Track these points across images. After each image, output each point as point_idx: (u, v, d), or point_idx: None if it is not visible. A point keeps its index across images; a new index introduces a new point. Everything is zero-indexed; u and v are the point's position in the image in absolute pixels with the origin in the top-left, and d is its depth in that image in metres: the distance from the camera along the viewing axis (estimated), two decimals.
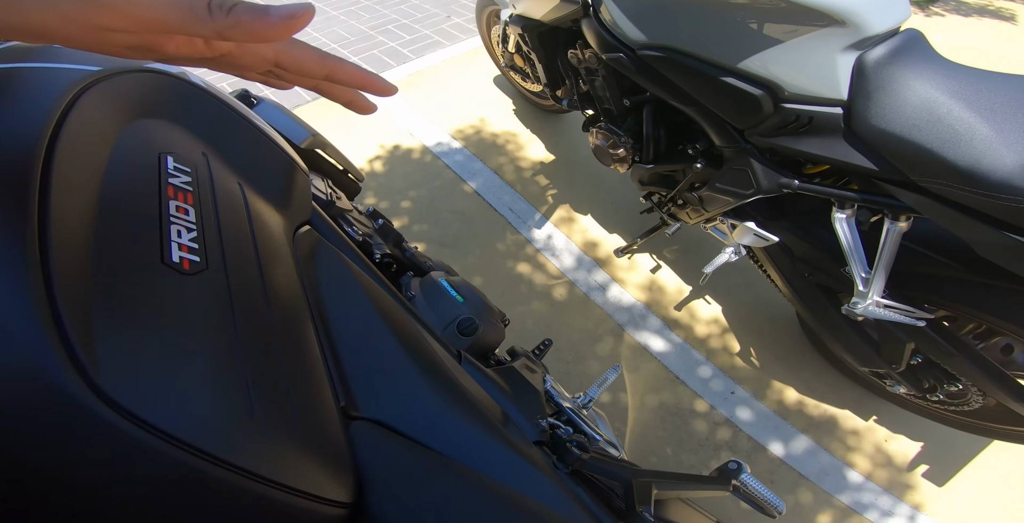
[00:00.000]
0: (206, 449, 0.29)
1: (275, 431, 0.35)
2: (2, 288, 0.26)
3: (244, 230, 0.46)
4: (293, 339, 0.44)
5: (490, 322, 0.92)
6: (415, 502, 0.40)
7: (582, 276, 2.00)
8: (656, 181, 1.67)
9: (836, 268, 1.24)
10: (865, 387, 1.67)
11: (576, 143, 2.47)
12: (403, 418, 0.49)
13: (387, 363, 0.54)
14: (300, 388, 0.41)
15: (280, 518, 0.32)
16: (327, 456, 0.38)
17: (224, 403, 0.32)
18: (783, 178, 1.19)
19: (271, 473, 0.32)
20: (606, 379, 1.16)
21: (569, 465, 0.66)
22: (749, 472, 0.74)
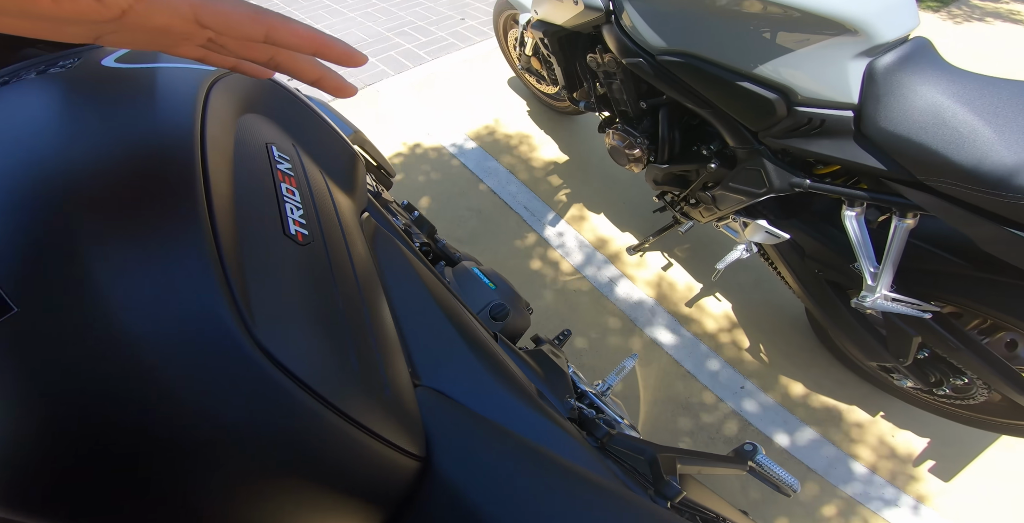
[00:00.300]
0: (325, 396, 0.32)
1: (369, 385, 0.38)
2: (189, 254, 0.31)
3: (331, 212, 0.51)
4: (375, 309, 0.48)
5: (519, 308, 0.97)
6: (476, 461, 0.43)
7: (595, 272, 2.06)
8: (670, 181, 1.72)
9: (845, 264, 1.28)
10: (872, 383, 1.72)
11: (589, 144, 2.52)
12: (457, 388, 0.53)
13: (441, 338, 0.58)
14: (385, 351, 0.45)
15: (369, 462, 0.36)
16: (406, 412, 0.42)
17: (335, 357, 0.36)
18: (795, 178, 1.24)
19: (367, 421, 0.35)
20: (624, 367, 1.21)
21: (598, 440, 0.71)
22: (764, 453, 0.78)
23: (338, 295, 0.42)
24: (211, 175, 0.36)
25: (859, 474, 1.61)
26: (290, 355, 0.32)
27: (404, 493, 0.39)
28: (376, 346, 0.44)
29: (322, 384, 0.33)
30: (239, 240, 0.35)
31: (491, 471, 0.42)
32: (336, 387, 0.34)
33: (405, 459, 0.39)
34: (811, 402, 1.74)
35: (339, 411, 0.33)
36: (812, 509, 1.56)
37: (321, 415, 0.32)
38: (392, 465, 0.38)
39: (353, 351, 0.39)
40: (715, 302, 1.96)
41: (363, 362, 0.40)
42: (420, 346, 0.56)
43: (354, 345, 0.40)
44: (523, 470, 0.43)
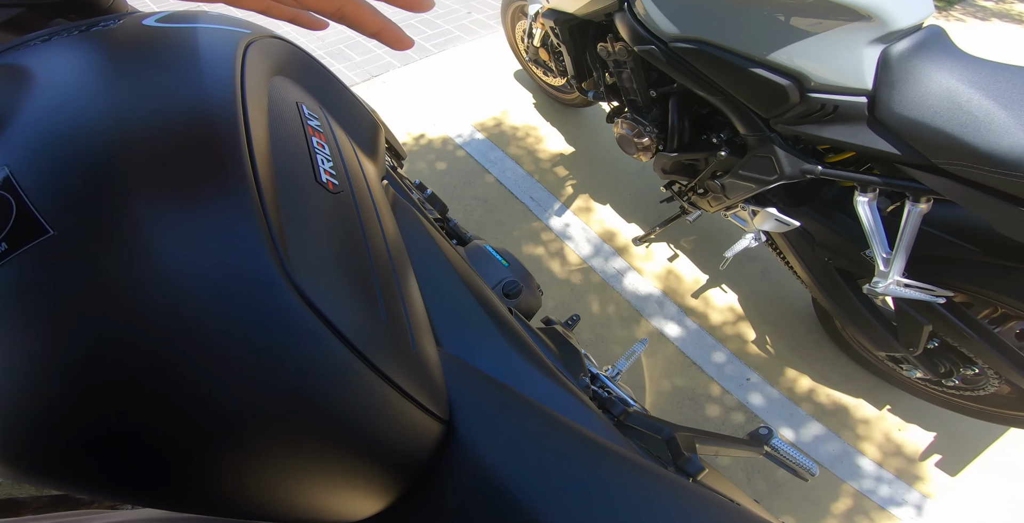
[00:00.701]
0: (356, 344, 0.32)
1: (398, 340, 0.37)
2: (233, 199, 0.31)
3: (357, 170, 0.51)
4: (402, 269, 0.48)
5: (531, 287, 0.95)
6: (498, 427, 0.42)
7: (601, 263, 2.05)
8: (678, 170, 1.71)
9: (856, 251, 1.28)
10: (879, 376, 1.71)
11: (595, 136, 2.52)
12: (478, 356, 0.52)
13: (461, 308, 0.58)
14: (412, 311, 0.44)
15: (395, 421, 0.34)
16: (432, 373, 0.41)
17: (365, 308, 0.35)
18: (806, 164, 1.23)
19: (395, 377, 0.34)
20: (634, 352, 1.20)
21: (615, 417, 0.70)
22: (779, 437, 0.77)
23: (367, 248, 0.41)
24: (251, 128, 0.36)
25: (865, 468, 1.60)
26: (324, 300, 0.31)
27: (427, 460, 0.38)
28: (404, 305, 0.44)
29: (353, 332, 0.32)
30: (277, 187, 0.35)
31: (514, 438, 0.41)
32: (366, 338, 0.33)
33: (430, 421, 0.38)
34: (817, 395, 1.73)
35: (369, 362, 0.33)
36: (817, 502, 1.55)
37: (351, 365, 0.31)
38: (417, 427, 0.37)
39: (383, 305, 0.38)
40: (721, 293, 1.96)
41: (392, 317, 0.39)
42: (441, 314, 0.55)
43: (383, 299, 0.39)
44: (546, 438, 0.42)
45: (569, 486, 0.37)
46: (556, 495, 0.36)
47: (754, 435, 0.80)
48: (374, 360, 0.33)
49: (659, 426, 0.69)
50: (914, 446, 1.64)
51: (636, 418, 0.70)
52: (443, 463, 0.40)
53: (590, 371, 0.95)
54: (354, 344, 0.32)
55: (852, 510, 1.54)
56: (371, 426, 0.33)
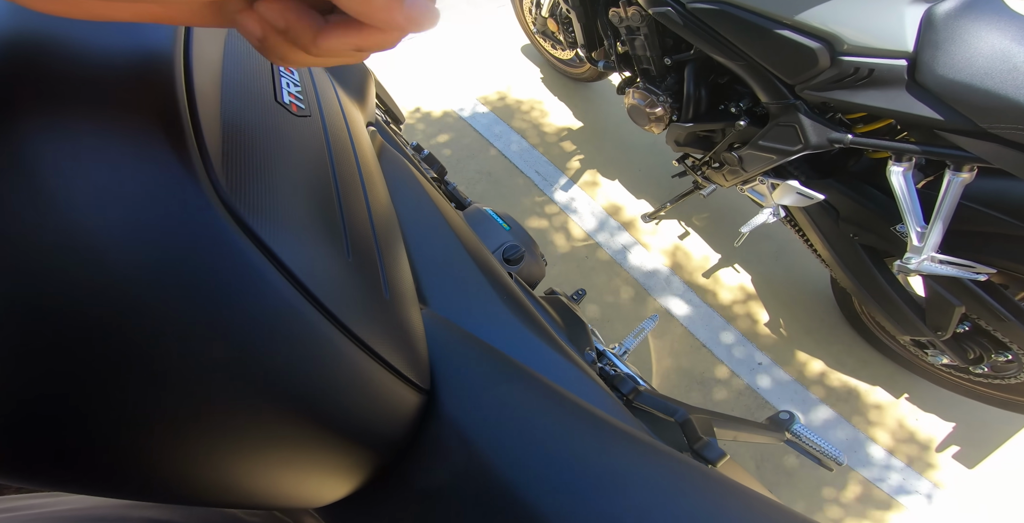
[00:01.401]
0: (309, 287, 0.27)
1: (367, 285, 0.33)
2: (156, 110, 0.25)
3: (334, 103, 0.47)
4: (379, 208, 0.43)
5: (534, 254, 0.90)
6: (488, 398, 0.37)
7: (607, 239, 1.97)
8: (693, 142, 1.63)
9: (885, 226, 1.20)
10: (898, 363, 1.63)
11: (604, 111, 2.42)
12: (469, 317, 0.47)
13: (454, 263, 0.52)
14: (388, 254, 0.39)
15: (363, 388, 0.30)
16: (411, 333, 0.36)
17: (324, 243, 0.30)
18: (834, 133, 1.15)
19: (362, 332, 0.29)
20: (643, 329, 1.13)
21: (623, 396, 0.64)
22: (802, 423, 0.72)
23: (335, 180, 0.37)
24: (194, 37, 0.31)
25: (878, 458, 1.54)
26: (269, 228, 0.26)
27: (404, 436, 0.34)
28: (379, 249, 0.38)
29: (307, 272, 0.27)
30: (220, 100, 0.30)
31: (508, 414, 0.36)
32: (325, 280, 0.29)
33: (407, 391, 0.34)
34: (831, 380, 1.66)
35: (327, 312, 0.28)
36: (827, 492, 1.48)
37: (304, 314, 0.27)
38: (391, 397, 0.32)
39: (348, 243, 0.34)
40: (733, 273, 1.87)
41: (359, 257, 0.34)
42: (428, 268, 0.50)
43: (350, 238, 0.34)
44: (545, 415, 0.37)
45: (572, 470, 0.32)
46: (556, 480, 0.31)
47: (774, 420, 0.74)
48: (334, 310, 0.28)
49: (673, 407, 0.62)
50: (930, 436, 1.57)
51: (647, 398, 0.64)
52: (423, 440, 0.36)
53: (596, 347, 0.88)
54: (307, 287, 0.27)
55: (862, 500, 1.48)
56: (335, 395, 0.28)
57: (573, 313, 0.82)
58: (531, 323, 0.53)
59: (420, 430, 0.36)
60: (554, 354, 0.51)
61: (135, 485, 0.25)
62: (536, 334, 0.51)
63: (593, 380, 0.52)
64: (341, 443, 0.29)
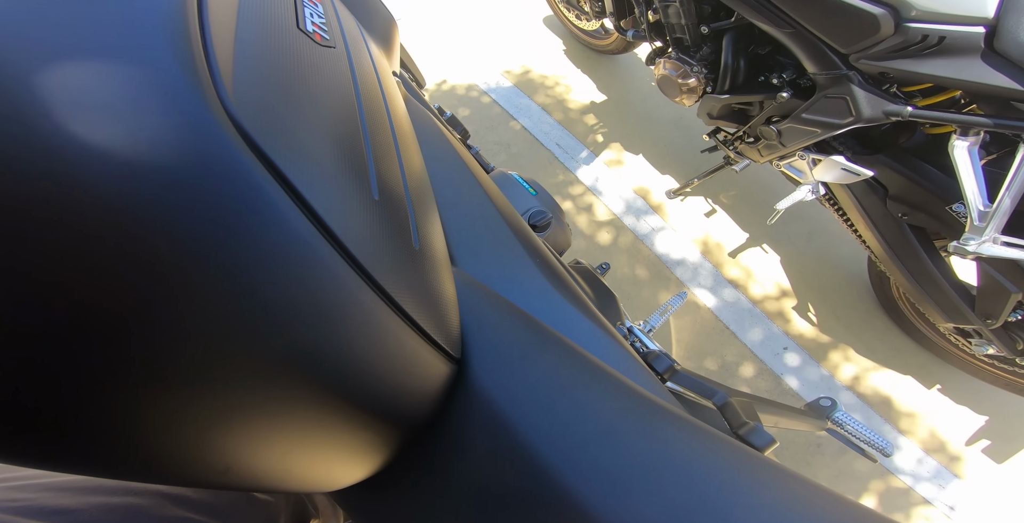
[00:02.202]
0: (323, 217, 0.23)
1: (395, 232, 0.29)
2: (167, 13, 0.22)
3: (359, 40, 0.45)
4: (410, 158, 0.40)
5: (560, 220, 0.86)
6: (520, 368, 0.34)
7: (631, 216, 1.89)
8: (727, 115, 1.56)
9: (940, 205, 1.13)
10: (935, 352, 1.56)
11: (629, 84, 2.32)
12: (500, 279, 0.44)
13: (485, 222, 0.49)
14: (420, 207, 0.36)
15: (392, 354, 0.26)
16: (442, 295, 0.32)
17: (348, 175, 0.27)
18: (891, 105, 1.08)
19: (388, 286, 0.26)
20: (670, 306, 1.07)
21: (660, 374, 0.58)
22: (844, 410, 0.67)
23: (362, 114, 0.34)
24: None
25: (905, 450, 1.48)
26: (284, 155, 0.23)
27: (432, 409, 0.31)
28: (408, 192, 0.35)
29: (320, 194, 0.24)
30: (237, 19, 0.27)
31: (543, 386, 0.33)
32: (343, 209, 0.25)
33: (440, 361, 0.31)
34: (859, 368, 1.59)
35: (352, 260, 0.24)
36: (845, 482, 1.43)
37: (327, 261, 0.23)
38: (423, 367, 0.29)
39: (374, 181, 0.30)
40: (761, 254, 1.79)
41: (385, 195, 0.31)
42: (459, 227, 0.46)
43: (377, 176, 0.31)
44: (583, 388, 0.34)
45: (619, 455, 0.29)
46: (599, 466, 0.28)
47: (814, 406, 0.70)
48: (356, 253, 0.24)
49: (712, 388, 0.57)
50: (962, 428, 1.51)
51: (684, 377, 0.59)
52: (452, 414, 0.33)
53: (626, 324, 0.85)
54: (326, 222, 0.23)
55: (883, 492, 1.43)
56: (355, 360, 0.25)
57: (603, 285, 0.78)
58: (566, 290, 0.49)
59: (449, 403, 0.33)
60: (590, 324, 0.47)
61: (122, 465, 0.21)
62: (572, 302, 0.47)
63: (631, 355, 0.48)
64: (361, 419, 0.26)
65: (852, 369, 1.59)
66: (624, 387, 0.35)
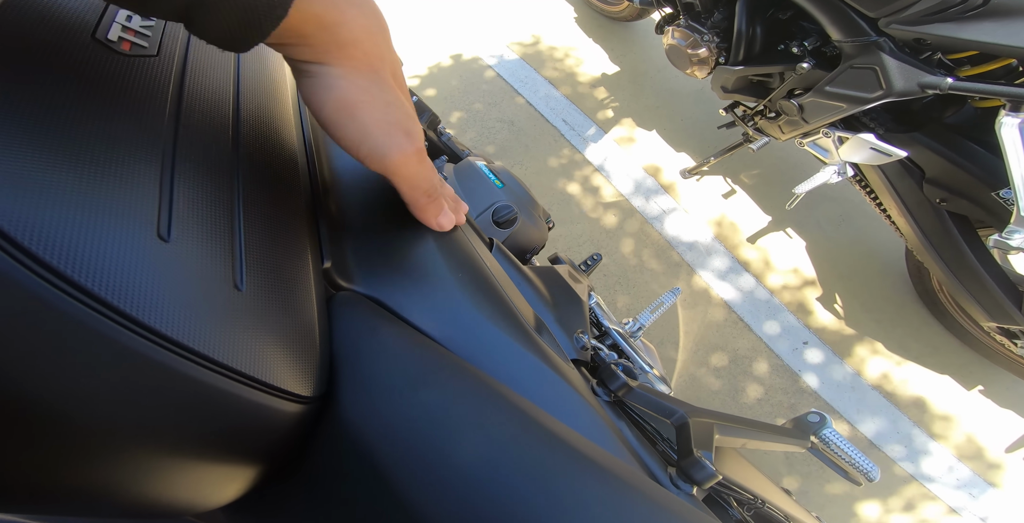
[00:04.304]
0: (63, 269, 0.21)
1: (201, 277, 0.27)
2: None
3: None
4: (263, 167, 0.37)
5: (531, 215, 0.78)
6: (397, 403, 0.33)
7: (641, 197, 1.76)
8: (744, 88, 1.43)
9: (986, 191, 1.00)
10: (979, 351, 1.41)
11: (644, 54, 2.16)
12: (406, 299, 0.41)
13: (400, 232, 0.45)
14: (263, 232, 0.33)
15: (214, 407, 0.26)
16: (286, 333, 0.31)
17: (120, 213, 0.24)
18: (929, 76, 0.96)
19: (189, 339, 0.24)
20: (662, 303, 0.98)
21: (612, 392, 0.54)
22: (834, 428, 0.63)
23: (175, 125, 0.31)
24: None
25: (936, 456, 1.35)
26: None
27: (286, 442, 0.31)
28: (241, 217, 0.32)
29: (68, 253, 0.21)
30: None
31: (420, 423, 0.32)
32: (110, 261, 0.23)
33: (282, 403, 0.29)
34: (889, 366, 1.46)
35: (113, 310, 0.22)
36: (869, 490, 1.33)
37: (57, 306, 0.21)
38: (258, 412, 0.28)
39: (168, 210, 0.27)
40: (784, 239, 1.65)
41: (188, 231, 0.27)
42: (361, 237, 0.44)
43: (175, 203, 0.28)
44: (471, 427, 0.32)
45: (492, 502, 0.28)
46: (470, 514, 0.28)
47: (800, 422, 0.65)
48: (129, 309, 0.22)
49: (670, 408, 0.54)
50: (1002, 435, 1.38)
51: (640, 396, 0.55)
52: (319, 444, 0.33)
53: (603, 325, 0.81)
54: (70, 276, 0.21)
55: (908, 500, 1.31)
56: (179, 420, 0.25)
57: (568, 288, 0.70)
58: (493, 306, 0.46)
59: (317, 434, 0.33)
60: (517, 348, 0.44)
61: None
62: (496, 321, 0.44)
63: (565, 378, 0.45)
64: (196, 461, 0.27)
65: (881, 367, 1.45)
66: (531, 424, 0.34)
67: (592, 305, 0.82)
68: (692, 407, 0.57)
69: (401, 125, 0.33)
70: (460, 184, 0.79)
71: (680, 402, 0.57)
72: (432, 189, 0.39)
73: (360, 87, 0.31)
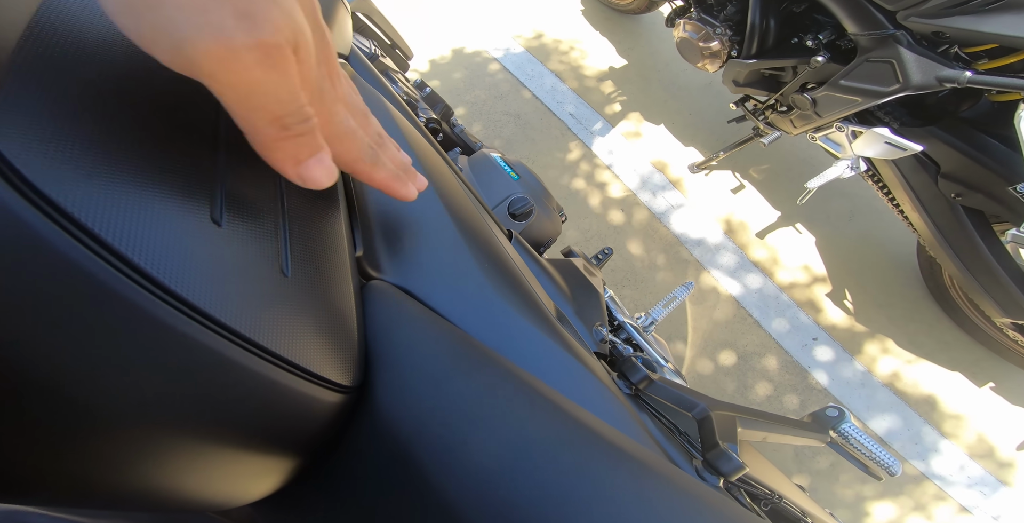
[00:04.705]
0: (128, 254, 0.20)
1: (251, 263, 0.26)
2: None
3: None
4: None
5: (546, 208, 0.78)
6: (431, 393, 0.32)
7: (649, 192, 1.75)
8: (755, 82, 1.41)
9: (1003, 185, 0.98)
10: (991, 348, 1.40)
11: (652, 47, 2.14)
12: (435, 289, 0.41)
13: (426, 221, 0.45)
14: (305, 219, 0.33)
15: (261, 398, 0.25)
16: (327, 321, 0.31)
17: (174, 197, 0.23)
18: (947, 70, 0.95)
19: (239, 325, 0.24)
20: (674, 298, 0.98)
21: (632, 385, 0.55)
22: (852, 422, 0.62)
23: (221, 115, 0.29)
24: None
25: (947, 454, 1.34)
26: (51, 170, 0.18)
27: (324, 434, 0.31)
28: (284, 205, 0.31)
29: (132, 237, 0.20)
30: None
31: (454, 412, 0.31)
32: (170, 245, 0.22)
33: (323, 392, 0.29)
34: (900, 362, 1.44)
35: (173, 296, 0.21)
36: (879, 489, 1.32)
37: (151, 311, 0.20)
38: (301, 401, 0.27)
39: (221, 198, 0.26)
40: (794, 235, 1.64)
41: (238, 218, 0.27)
42: (390, 227, 0.43)
43: (225, 190, 0.27)
44: (502, 416, 0.32)
45: (525, 493, 0.28)
46: (501, 504, 0.27)
47: (819, 417, 0.65)
48: (185, 293, 0.21)
49: (692, 401, 0.53)
50: (1015, 433, 1.36)
51: (661, 388, 0.55)
52: (355, 436, 0.33)
53: (616, 318, 0.82)
54: (133, 261, 0.20)
55: (921, 503, 1.30)
56: (208, 410, 0.24)
57: (586, 281, 0.71)
58: (519, 297, 0.46)
59: (351, 426, 0.33)
60: (544, 339, 0.44)
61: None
62: (523, 312, 0.44)
63: (590, 369, 0.45)
64: (235, 453, 0.26)
65: (891, 364, 1.44)
66: (558, 416, 0.33)
67: (606, 299, 0.81)
68: (713, 400, 0.57)
69: (239, 6, 0.19)
70: (476, 176, 0.79)
71: (700, 395, 0.57)
72: (293, 114, 0.23)
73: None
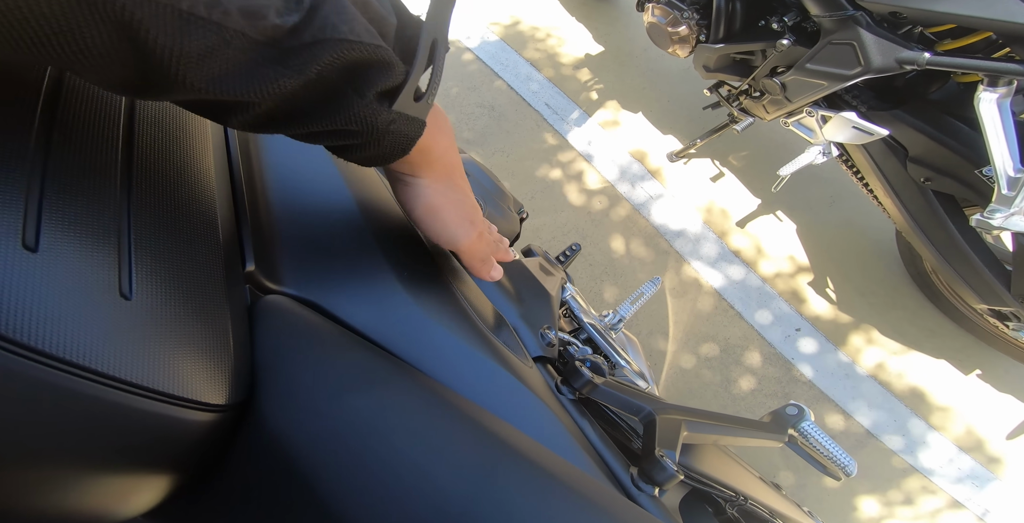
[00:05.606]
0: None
1: (80, 289, 0.25)
2: None
3: None
4: (158, 174, 0.34)
5: (498, 207, 0.76)
6: (323, 408, 0.32)
7: (627, 183, 1.71)
8: (726, 67, 1.38)
9: (969, 169, 0.95)
10: (977, 335, 1.37)
11: (629, 33, 2.09)
12: (344, 300, 0.41)
13: (339, 229, 0.45)
14: (157, 235, 0.31)
15: (101, 423, 0.25)
16: (187, 342, 0.30)
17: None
18: (906, 51, 0.93)
19: (68, 353, 0.23)
20: (642, 294, 0.95)
21: (576, 390, 0.54)
22: (812, 420, 0.62)
23: (36, 114, 0.27)
24: None
25: (936, 446, 1.32)
26: None
27: (203, 450, 0.31)
28: (130, 219, 0.29)
29: None
30: None
31: (348, 428, 0.31)
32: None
33: (190, 413, 0.28)
34: (884, 351, 1.41)
35: (7, 340, 0.20)
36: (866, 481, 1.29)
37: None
38: (163, 423, 0.27)
39: (37, 217, 0.24)
40: (774, 222, 1.60)
41: (58, 239, 0.25)
42: (294, 236, 0.43)
43: (45, 208, 0.25)
44: (405, 432, 0.32)
45: (420, 514, 0.28)
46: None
47: (779, 415, 0.63)
48: (15, 335, 0.21)
49: (637, 405, 0.54)
50: (1003, 422, 1.33)
51: (605, 392, 0.54)
52: (240, 450, 0.32)
53: (579, 319, 0.81)
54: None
55: (910, 497, 1.28)
56: (76, 438, 0.24)
57: (535, 282, 0.69)
58: (443, 306, 0.45)
59: (236, 442, 0.33)
60: (467, 348, 0.43)
61: None
62: (444, 321, 0.44)
63: (521, 378, 0.45)
64: (102, 475, 0.26)
65: (876, 354, 1.41)
66: (474, 429, 0.34)
67: (567, 298, 0.81)
68: (662, 404, 0.56)
69: (468, 217, 0.42)
70: None
71: (650, 398, 0.57)
72: (486, 256, 0.47)
73: (440, 192, 0.40)
